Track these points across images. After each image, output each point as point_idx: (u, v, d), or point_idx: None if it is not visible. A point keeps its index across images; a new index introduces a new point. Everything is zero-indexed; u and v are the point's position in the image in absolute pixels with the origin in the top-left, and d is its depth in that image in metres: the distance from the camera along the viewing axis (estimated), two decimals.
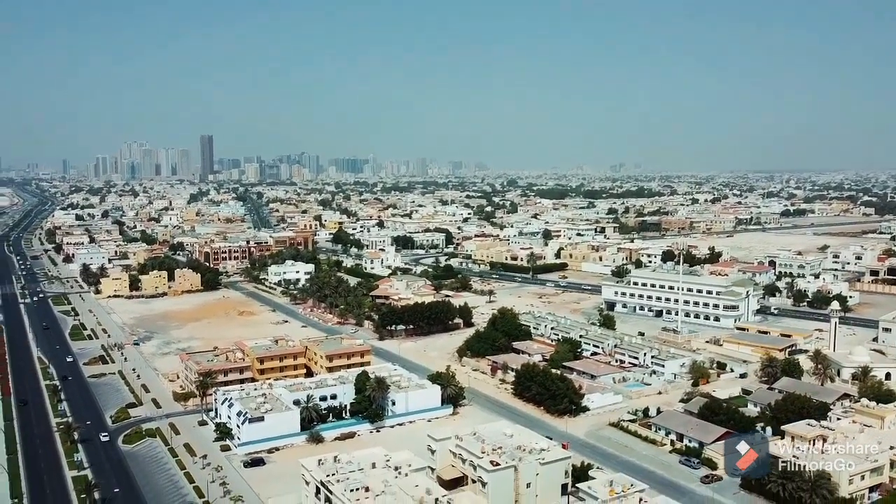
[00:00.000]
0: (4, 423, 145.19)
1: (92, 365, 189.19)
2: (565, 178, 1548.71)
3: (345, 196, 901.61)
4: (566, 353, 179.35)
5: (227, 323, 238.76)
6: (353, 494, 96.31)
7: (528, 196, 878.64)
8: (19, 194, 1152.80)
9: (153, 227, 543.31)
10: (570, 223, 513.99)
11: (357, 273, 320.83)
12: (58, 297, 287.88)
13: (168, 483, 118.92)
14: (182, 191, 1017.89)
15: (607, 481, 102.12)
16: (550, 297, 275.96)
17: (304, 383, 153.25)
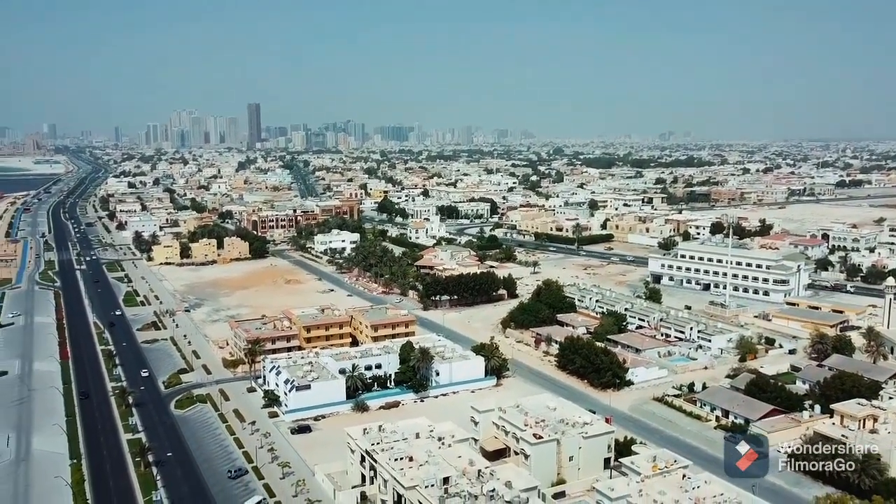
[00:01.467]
0: (63, 387, 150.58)
1: (145, 331, 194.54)
2: (612, 147, 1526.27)
3: (390, 164, 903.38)
4: (611, 326, 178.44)
5: (275, 291, 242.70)
6: (397, 464, 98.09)
7: (575, 165, 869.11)
8: (74, 161, 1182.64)
9: (202, 194, 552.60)
10: (616, 193, 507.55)
11: (402, 242, 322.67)
12: (111, 264, 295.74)
13: (218, 448, 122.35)
14: (230, 159, 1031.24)
15: (650, 456, 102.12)
16: (595, 269, 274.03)
17: (349, 352, 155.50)
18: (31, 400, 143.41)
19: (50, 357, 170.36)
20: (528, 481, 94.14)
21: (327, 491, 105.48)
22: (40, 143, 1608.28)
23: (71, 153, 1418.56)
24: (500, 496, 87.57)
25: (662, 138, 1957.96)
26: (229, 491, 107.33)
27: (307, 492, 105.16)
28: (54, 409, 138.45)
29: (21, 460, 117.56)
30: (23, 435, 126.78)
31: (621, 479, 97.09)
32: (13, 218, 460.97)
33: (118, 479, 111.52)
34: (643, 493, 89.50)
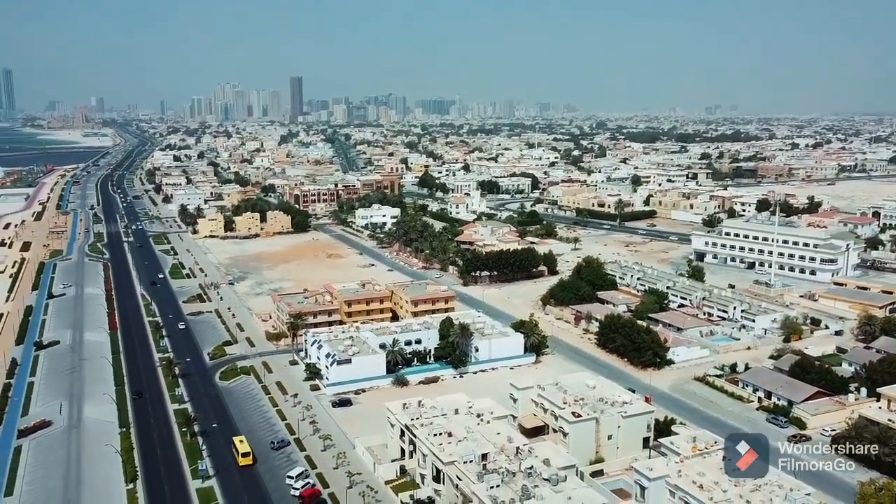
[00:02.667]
0: (112, 357, 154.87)
1: (190, 303, 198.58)
2: (657, 121, 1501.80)
3: (431, 138, 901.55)
4: (652, 304, 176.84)
5: (317, 265, 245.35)
6: (436, 439, 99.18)
7: (618, 139, 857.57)
8: (121, 134, 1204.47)
9: (245, 168, 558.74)
10: (660, 168, 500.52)
11: (442, 217, 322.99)
12: (158, 237, 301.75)
13: (261, 419, 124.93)
14: (273, 132, 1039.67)
15: (690, 437, 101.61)
16: (637, 245, 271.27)
17: (389, 327, 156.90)
18: (82, 369, 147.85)
19: (99, 328, 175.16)
20: (567, 459, 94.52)
21: (367, 464, 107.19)
22: (89, 117, 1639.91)
23: (118, 126, 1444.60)
24: (538, 473, 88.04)
25: (708, 112, 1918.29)
26: (272, 462, 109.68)
27: (348, 464, 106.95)
28: (104, 379, 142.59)
29: (73, 427, 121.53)
30: (74, 403, 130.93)
31: (660, 460, 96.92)
32: (63, 190, 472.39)
33: (165, 448, 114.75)
34: (682, 474, 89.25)
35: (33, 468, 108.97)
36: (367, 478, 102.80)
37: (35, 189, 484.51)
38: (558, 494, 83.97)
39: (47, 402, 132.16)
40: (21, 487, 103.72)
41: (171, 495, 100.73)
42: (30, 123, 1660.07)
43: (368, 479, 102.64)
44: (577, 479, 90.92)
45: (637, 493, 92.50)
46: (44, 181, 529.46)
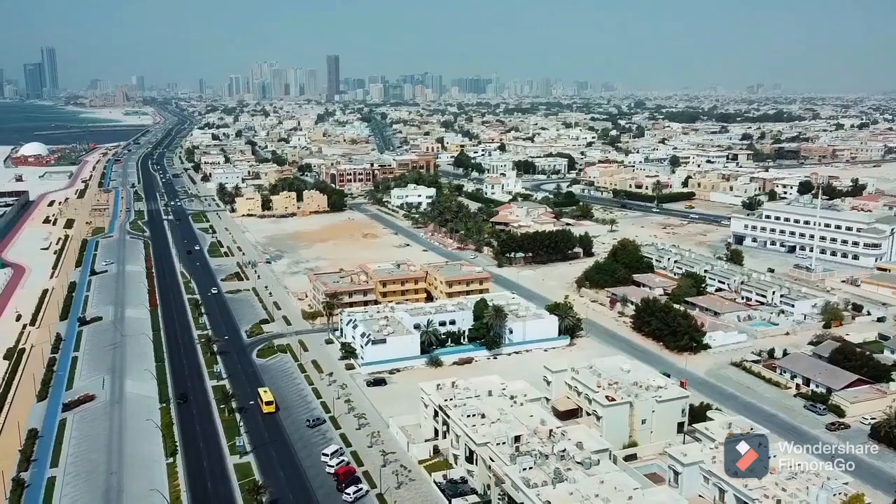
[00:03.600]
0: (153, 334, 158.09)
1: (228, 281, 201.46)
2: (697, 100, 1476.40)
3: (467, 118, 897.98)
4: (689, 287, 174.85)
5: (352, 244, 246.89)
6: (469, 420, 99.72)
7: (657, 119, 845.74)
8: (161, 113, 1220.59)
9: (283, 147, 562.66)
10: (699, 149, 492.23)
11: (477, 198, 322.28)
12: (197, 215, 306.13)
13: (297, 397, 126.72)
14: (309, 111, 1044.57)
15: (726, 423, 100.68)
16: (675, 228, 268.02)
17: (424, 308, 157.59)
18: (124, 345, 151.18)
19: (140, 304, 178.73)
20: (600, 443, 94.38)
21: (401, 443, 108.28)
22: (129, 95, 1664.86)
23: (158, 105, 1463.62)
24: (571, 456, 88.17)
25: (750, 91, 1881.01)
26: (308, 439, 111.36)
27: (382, 443, 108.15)
28: (145, 355, 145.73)
29: (115, 402, 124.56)
30: (116, 378, 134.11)
31: (695, 445, 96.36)
32: (105, 168, 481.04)
33: (204, 423, 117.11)
34: (717, 461, 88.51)
35: (77, 440, 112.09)
36: (400, 457, 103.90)
37: (78, 167, 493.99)
38: (591, 478, 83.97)
39: (90, 377, 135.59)
40: (66, 459, 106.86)
41: (210, 470, 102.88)
42: (72, 102, 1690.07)
43: (402, 458, 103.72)
44: (610, 462, 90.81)
45: (671, 479, 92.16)
46: (86, 159, 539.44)
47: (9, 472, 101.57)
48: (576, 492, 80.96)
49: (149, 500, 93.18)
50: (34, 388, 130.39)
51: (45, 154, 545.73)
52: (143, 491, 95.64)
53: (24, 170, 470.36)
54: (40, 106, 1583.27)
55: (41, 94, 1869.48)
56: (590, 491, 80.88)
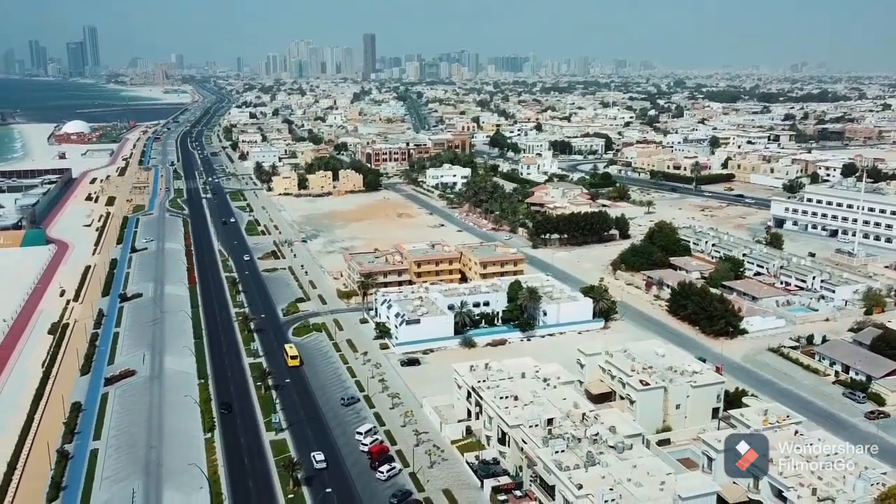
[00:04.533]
0: (191, 311, 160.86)
1: (265, 260, 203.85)
2: (738, 79, 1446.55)
3: (503, 97, 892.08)
4: (727, 271, 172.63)
5: (387, 224, 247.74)
6: (502, 402, 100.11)
7: (696, 99, 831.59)
8: (199, 91, 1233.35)
9: (319, 126, 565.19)
10: (740, 130, 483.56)
11: (513, 178, 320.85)
12: (235, 193, 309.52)
13: (332, 376, 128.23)
14: (346, 90, 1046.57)
15: (762, 410, 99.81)
16: (713, 210, 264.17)
17: (458, 289, 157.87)
18: (163, 321, 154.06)
19: (179, 282, 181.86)
20: (633, 427, 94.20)
21: (434, 423, 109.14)
22: (168, 73, 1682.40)
23: (196, 83, 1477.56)
24: (604, 440, 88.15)
25: (794, 70, 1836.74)
26: (342, 417, 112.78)
27: (415, 422, 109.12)
28: (183, 331, 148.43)
29: (155, 377, 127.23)
30: (156, 354, 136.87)
31: (729, 432, 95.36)
32: (145, 146, 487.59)
33: (241, 400, 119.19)
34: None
35: (119, 414, 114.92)
36: (433, 437, 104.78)
37: (119, 145, 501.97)
38: (623, 462, 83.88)
39: (131, 352, 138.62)
40: (108, 432, 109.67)
41: (247, 446, 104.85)
42: (113, 80, 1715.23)
43: (435, 438, 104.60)
44: (643, 447, 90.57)
45: (704, 465, 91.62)
46: (127, 137, 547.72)
47: (54, 443, 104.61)
48: (608, 476, 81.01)
49: (187, 474, 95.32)
50: (77, 363, 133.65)
51: (87, 132, 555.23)
52: (182, 465, 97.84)
53: (67, 147, 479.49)
54: (82, 84, 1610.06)
55: (83, 73, 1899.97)
56: (622, 475, 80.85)
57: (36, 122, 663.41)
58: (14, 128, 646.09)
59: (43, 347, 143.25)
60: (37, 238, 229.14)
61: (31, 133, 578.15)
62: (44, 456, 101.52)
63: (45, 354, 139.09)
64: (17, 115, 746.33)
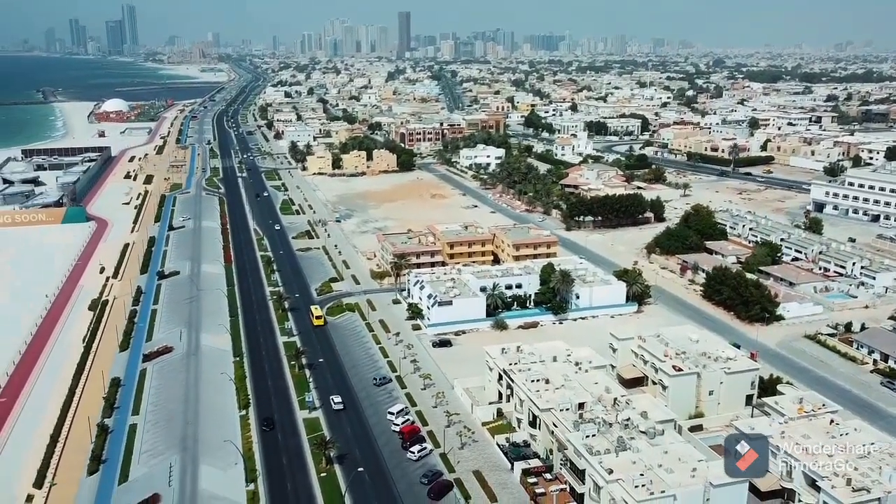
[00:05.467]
0: (227, 289, 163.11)
1: (299, 239, 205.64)
2: (780, 58, 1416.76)
3: (538, 76, 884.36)
4: (764, 256, 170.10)
5: (420, 205, 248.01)
6: (533, 385, 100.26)
7: (736, 79, 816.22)
8: (235, 70, 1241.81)
9: (353, 105, 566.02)
10: (780, 111, 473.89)
11: (547, 159, 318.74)
12: (270, 172, 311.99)
13: (365, 356, 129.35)
14: (380, 68, 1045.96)
15: (797, 398, 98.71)
16: (751, 193, 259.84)
17: (490, 271, 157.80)
18: (200, 299, 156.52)
19: (215, 260, 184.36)
20: (665, 413, 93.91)
21: (465, 405, 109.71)
22: (205, 52, 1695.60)
23: (233, 62, 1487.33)
24: (635, 426, 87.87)
25: (838, 49, 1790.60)
26: (374, 397, 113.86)
27: (446, 404, 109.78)
28: (219, 309, 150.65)
29: (191, 354, 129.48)
30: (193, 331, 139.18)
31: (763, 419, 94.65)
32: (182, 125, 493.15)
33: (275, 378, 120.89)
34: (785, 436, 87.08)
35: (157, 390, 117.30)
36: (464, 418, 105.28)
37: (157, 123, 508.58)
38: (655, 448, 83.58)
39: (169, 329, 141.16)
40: (146, 407, 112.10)
41: (280, 423, 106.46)
42: (151, 58, 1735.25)
43: (466, 419, 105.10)
44: (675, 433, 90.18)
45: None
46: (164, 115, 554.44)
47: (94, 417, 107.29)
48: (639, 461, 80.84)
49: (223, 451, 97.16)
50: (117, 339, 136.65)
51: (125, 110, 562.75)
52: (218, 441, 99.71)
53: (106, 125, 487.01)
54: (121, 62, 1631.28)
55: (122, 51, 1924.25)
56: (653, 461, 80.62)
57: (76, 100, 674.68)
58: (55, 106, 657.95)
59: (83, 323, 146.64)
60: (77, 215, 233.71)
61: (72, 111, 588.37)
62: (84, 429, 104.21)
63: (85, 330, 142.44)
64: (58, 93, 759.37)
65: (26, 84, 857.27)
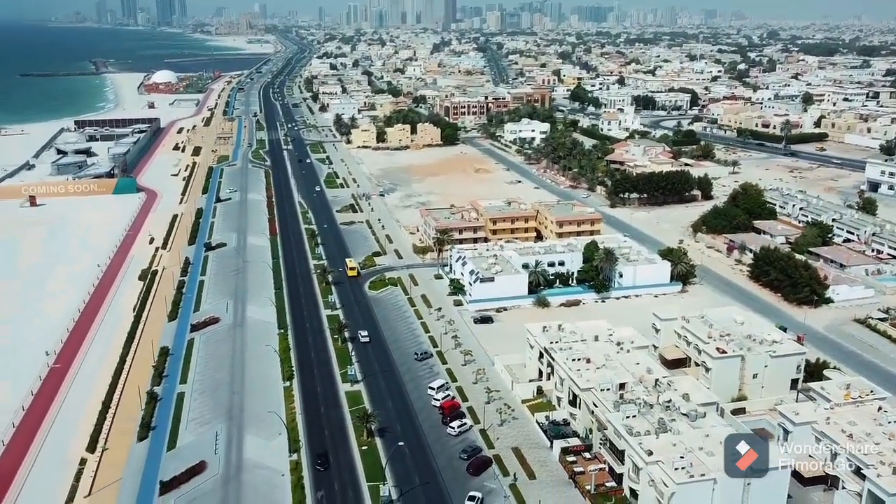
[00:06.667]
0: (272, 261, 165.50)
1: (343, 213, 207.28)
2: (837, 31, 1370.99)
3: (585, 48, 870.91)
4: (814, 237, 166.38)
5: (464, 179, 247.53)
6: (574, 364, 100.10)
7: (790, 52, 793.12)
8: (282, 41, 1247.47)
9: (398, 77, 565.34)
10: (836, 86, 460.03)
11: (593, 134, 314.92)
12: (314, 145, 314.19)
13: (406, 330, 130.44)
14: (425, 40, 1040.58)
15: (843, 383, 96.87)
16: (803, 172, 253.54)
17: (533, 248, 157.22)
18: (246, 271, 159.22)
19: (261, 232, 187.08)
20: (707, 396, 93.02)
21: (505, 382, 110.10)
22: (252, 23, 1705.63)
23: (279, 33, 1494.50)
24: (676, 407, 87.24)
25: None
26: (415, 372, 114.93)
27: (486, 380, 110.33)
28: (265, 282, 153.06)
29: (237, 325, 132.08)
30: (239, 303, 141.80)
31: (808, 404, 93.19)
32: (229, 97, 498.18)
33: (318, 351, 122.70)
34: (831, 422, 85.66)
35: (204, 360, 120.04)
36: (504, 395, 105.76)
37: (204, 95, 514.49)
38: (696, 431, 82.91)
39: (215, 300, 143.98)
40: (193, 376, 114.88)
41: (323, 395, 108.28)
42: (199, 30, 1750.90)
43: (506, 396, 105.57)
44: (717, 416, 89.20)
45: (780, 437, 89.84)
46: (212, 87, 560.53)
47: (144, 385, 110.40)
48: (679, 443, 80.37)
49: (267, 421, 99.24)
50: (165, 309, 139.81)
51: (174, 82, 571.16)
52: (262, 412, 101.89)
53: (156, 97, 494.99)
54: (170, 33, 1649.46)
55: (171, 22, 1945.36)
56: (693, 443, 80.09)
57: (127, 71, 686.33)
58: (107, 77, 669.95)
59: (134, 293, 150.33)
60: (128, 186, 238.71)
61: (122, 82, 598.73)
62: (134, 397, 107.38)
63: (135, 299, 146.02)
64: (109, 64, 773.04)
65: (79, 55, 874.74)
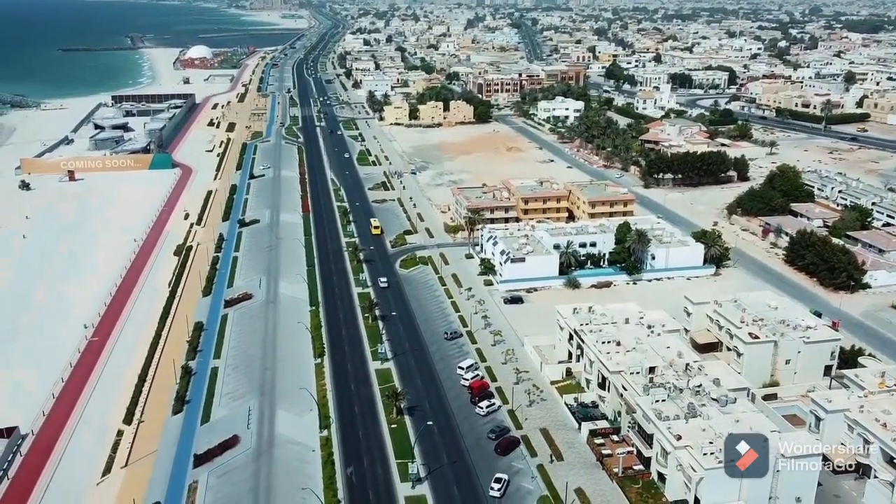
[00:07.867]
0: (304, 239, 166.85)
1: (375, 190, 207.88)
2: (884, 6, 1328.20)
3: (622, 24, 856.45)
4: (852, 221, 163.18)
5: (496, 158, 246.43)
6: (604, 346, 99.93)
7: (833, 29, 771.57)
8: (315, 16, 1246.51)
9: (431, 54, 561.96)
10: (880, 64, 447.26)
11: (627, 113, 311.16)
12: (347, 122, 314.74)
13: (437, 309, 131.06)
14: (459, 16, 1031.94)
15: (878, 371, 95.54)
16: (843, 153, 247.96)
17: (564, 228, 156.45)
18: (278, 248, 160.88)
19: (294, 210, 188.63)
20: (738, 381, 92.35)
21: (534, 363, 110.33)
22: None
23: (313, 8, 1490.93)
24: (707, 392, 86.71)
25: None
26: (445, 351, 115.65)
27: (516, 361, 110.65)
28: (297, 258, 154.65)
29: (270, 302, 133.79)
30: (272, 279, 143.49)
31: (841, 392, 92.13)
32: (263, 73, 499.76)
33: (349, 329, 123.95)
34: (864, 410, 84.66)
35: (237, 335, 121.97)
36: (533, 376, 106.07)
37: (239, 70, 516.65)
38: (726, 416, 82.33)
39: (249, 277, 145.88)
40: (227, 351, 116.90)
41: (354, 373, 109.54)
42: (234, 4, 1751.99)
43: (535, 377, 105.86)
44: (748, 402, 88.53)
45: (812, 423, 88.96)
46: (246, 63, 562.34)
47: (179, 360, 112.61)
48: (708, 428, 79.93)
49: (298, 397, 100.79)
50: (200, 284, 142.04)
51: (209, 57, 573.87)
52: (294, 388, 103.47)
53: (191, 72, 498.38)
54: (205, 8, 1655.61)
55: None
56: (723, 429, 79.35)
57: (163, 46, 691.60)
58: (143, 52, 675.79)
59: (169, 268, 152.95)
60: (164, 162, 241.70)
61: (158, 57, 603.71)
62: (169, 371, 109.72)
63: (170, 275, 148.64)
64: (145, 39, 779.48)
65: (116, 30, 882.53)
